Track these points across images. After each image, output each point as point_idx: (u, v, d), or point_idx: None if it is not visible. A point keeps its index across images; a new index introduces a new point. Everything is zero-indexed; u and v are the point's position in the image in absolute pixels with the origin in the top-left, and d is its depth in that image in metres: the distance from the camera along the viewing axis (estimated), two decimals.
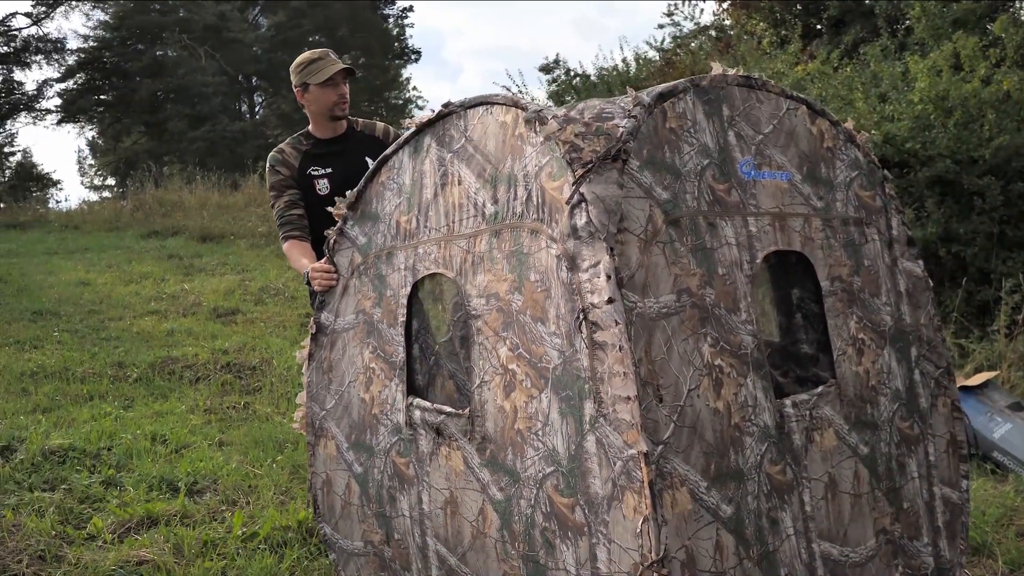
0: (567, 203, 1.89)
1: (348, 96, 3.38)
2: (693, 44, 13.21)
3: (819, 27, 12.27)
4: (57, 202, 27.66)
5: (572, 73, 12.14)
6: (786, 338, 2.53)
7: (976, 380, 4.40)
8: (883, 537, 2.37)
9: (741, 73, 2.29)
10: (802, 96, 2.45)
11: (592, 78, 11.67)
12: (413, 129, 2.46)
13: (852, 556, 2.26)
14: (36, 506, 3.57)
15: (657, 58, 12.52)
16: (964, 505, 2.67)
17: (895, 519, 2.43)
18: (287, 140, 3.49)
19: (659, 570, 1.66)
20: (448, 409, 2.29)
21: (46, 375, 5.99)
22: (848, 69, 7.50)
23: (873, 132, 6.07)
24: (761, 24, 12.58)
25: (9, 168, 29.38)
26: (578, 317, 1.85)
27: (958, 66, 6.59)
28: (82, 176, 33.98)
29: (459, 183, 2.29)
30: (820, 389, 2.29)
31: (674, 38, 13.68)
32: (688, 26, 13.98)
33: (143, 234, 14.47)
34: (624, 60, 11.89)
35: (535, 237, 2.02)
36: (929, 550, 2.52)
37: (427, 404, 2.37)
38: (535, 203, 2.03)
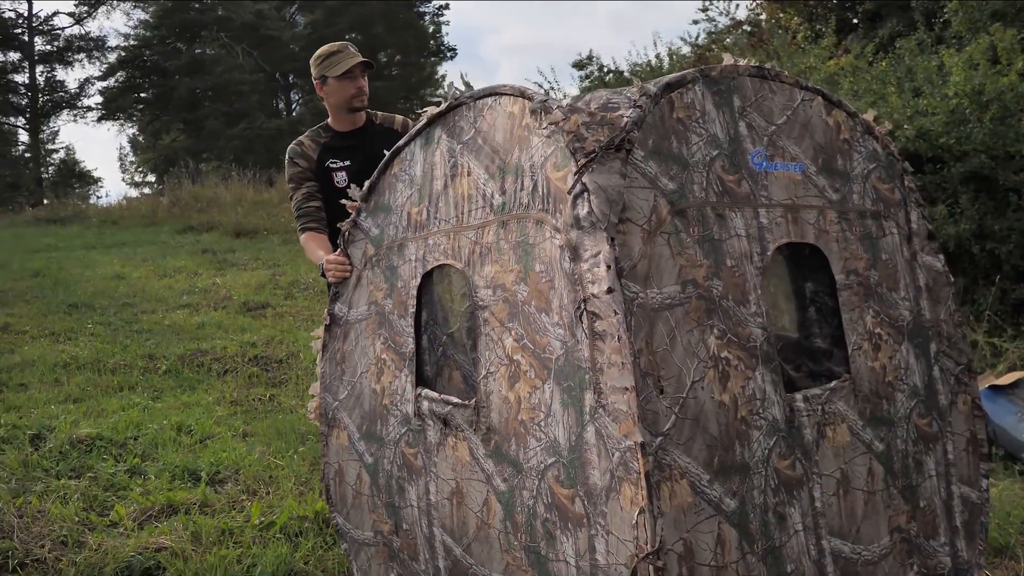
0: (569, 193, 1.88)
1: (366, 89, 3.39)
2: (728, 39, 13.03)
3: (855, 21, 12.05)
4: (98, 198, 28.28)
5: (605, 69, 12.05)
6: (800, 332, 2.49)
7: (1007, 379, 4.30)
8: (898, 535, 2.33)
9: (753, 63, 2.25)
10: (817, 87, 2.40)
11: (625, 74, 11.57)
12: (424, 121, 2.47)
13: (864, 554, 2.22)
14: (61, 493, 3.64)
15: (690, 53, 12.38)
16: (984, 505, 2.61)
17: (911, 517, 2.38)
18: (306, 132, 3.51)
19: (653, 561, 1.65)
20: (455, 400, 2.29)
21: (79, 366, 6.12)
22: (883, 63, 7.34)
23: (906, 127, 5.95)
24: (795, 19, 12.38)
25: (52, 165, 30.06)
26: (579, 307, 1.84)
27: (995, 59, 6.42)
28: (123, 173, 34.72)
29: (468, 174, 2.28)
30: (833, 384, 2.25)
31: (708, 34, 13.52)
32: (723, 21, 13.81)
33: (179, 229, 14.72)
34: (657, 56, 11.78)
35: (540, 227, 2.01)
36: (946, 549, 2.47)
37: (435, 395, 2.38)
38: (540, 193, 2.02)
